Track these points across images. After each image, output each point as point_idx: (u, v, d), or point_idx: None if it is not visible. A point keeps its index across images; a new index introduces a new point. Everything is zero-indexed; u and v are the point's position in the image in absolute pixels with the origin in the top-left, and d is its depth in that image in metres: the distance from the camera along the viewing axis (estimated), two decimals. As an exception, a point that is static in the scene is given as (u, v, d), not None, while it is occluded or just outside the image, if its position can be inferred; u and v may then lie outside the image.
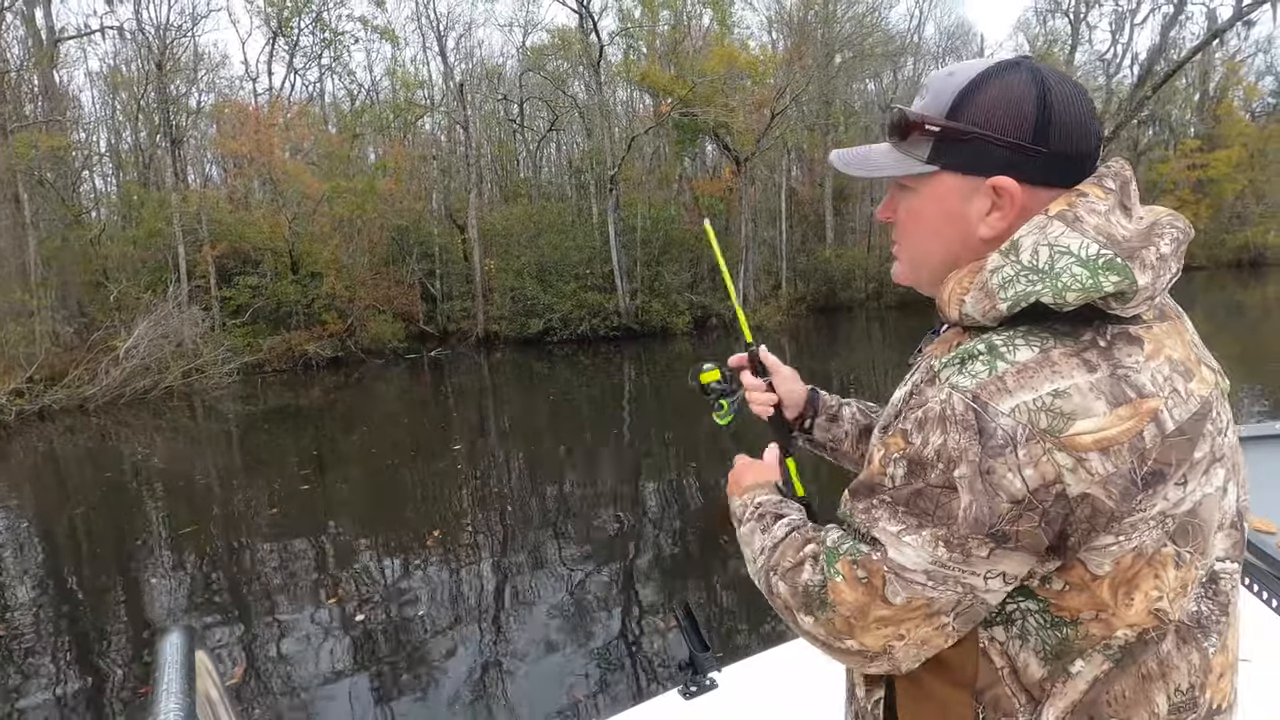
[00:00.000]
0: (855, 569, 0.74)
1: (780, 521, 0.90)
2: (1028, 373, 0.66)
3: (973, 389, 0.67)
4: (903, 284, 0.88)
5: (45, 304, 15.79)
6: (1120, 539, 0.67)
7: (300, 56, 25.74)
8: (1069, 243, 0.69)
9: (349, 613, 4.78)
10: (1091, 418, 0.65)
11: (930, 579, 0.70)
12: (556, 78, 26.24)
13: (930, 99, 0.77)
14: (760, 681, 1.80)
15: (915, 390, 0.74)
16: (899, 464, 0.72)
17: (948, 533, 0.69)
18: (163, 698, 0.78)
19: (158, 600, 5.34)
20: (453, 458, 9.34)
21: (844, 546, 0.76)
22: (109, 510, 7.83)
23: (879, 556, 0.72)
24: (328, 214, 20.77)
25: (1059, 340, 0.68)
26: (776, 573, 0.82)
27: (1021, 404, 0.65)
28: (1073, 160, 0.74)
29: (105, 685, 4.15)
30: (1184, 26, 27.06)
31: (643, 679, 3.84)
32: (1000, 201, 0.74)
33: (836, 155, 0.87)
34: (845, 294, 27.58)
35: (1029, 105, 0.72)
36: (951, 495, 0.68)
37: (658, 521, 6.51)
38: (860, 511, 0.75)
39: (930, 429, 0.69)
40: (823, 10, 26.64)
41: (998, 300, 0.70)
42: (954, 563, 0.69)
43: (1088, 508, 0.65)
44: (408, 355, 20.17)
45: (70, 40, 21.07)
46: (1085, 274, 0.67)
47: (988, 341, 0.70)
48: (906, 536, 0.71)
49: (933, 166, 0.77)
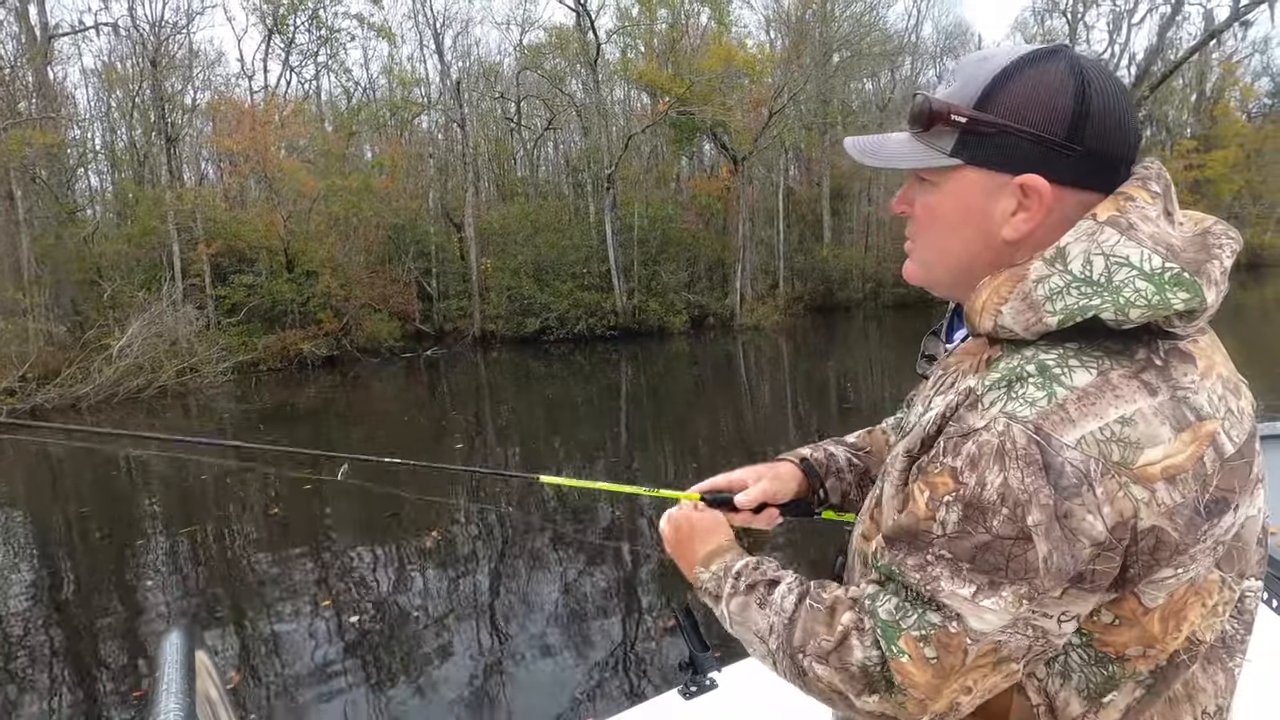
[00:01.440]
0: (924, 646, 0.65)
1: (778, 589, 0.79)
2: (1089, 399, 0.61)
3: (1034, 419, 0.61)
4: (913, 283, 0.81)
5: (38, 302, 15.72)
6: (1179, 571, 0.63)
7: (296, 54, 25.66)
8: (1127, 253, 0.63)
9: (345, 615, 4.74)
10: (1158, 445, 0.60)
11: (1004, 631, 0.64)
12: (554, 76, 26.18)
13: (959, 86, 0.70)
14: (760, 681, 1.78)
15: (953, 416, 0.66)
16: (951, 508, 0.63)
17: (1029, 589, 0.62)
18: (163, 697, 0.77)
19: (152, 602, 5.27)
20: (450, 457, 9.30)
21: (905, 620, 0.66)
22: (102, 511, 7.76)
23: (956, 629, 0.64)
24: (323, 212, 20.70)
25: (1115, 360, 0.63)
26: (808, 654, 0.72)
27: (1088, 435, 0.60)
28: (1108, 162, 0.68)
29: (99, 687, 4.10)
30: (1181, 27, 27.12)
31: (642, 679, 3.82)
32: (1027, 202, 0.68)
33: (852, 142, 0.80)
34: (842, 294, 27.59)
35: (1065, 99, 0.66)
36: (1026, 546, 0.61)
37: (655, 521, 6.45)
38: (913, 570, 0.66)
39: (986, 466, 0.61)
40: (820, 9, 26.62)
41: (1044, 313, 0.64)
42: (1032, 612, 0.63)
43: (1152, 540, 0.61)
44: (404, 354, 20.10)
45: (64, 37, 20.96)
46: (1151, 289, 0.62)
47: (1038, 362, 0.64)
48: (985, 600, 0.63)
49: (956, 160, 0.71)
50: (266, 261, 19.40)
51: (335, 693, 3.83)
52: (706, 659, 1.80)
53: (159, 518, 7.40)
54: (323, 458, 2.90)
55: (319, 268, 19.53)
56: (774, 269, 26.58)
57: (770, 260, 26.79)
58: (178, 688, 0.79)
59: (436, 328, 21.87)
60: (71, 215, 19.18)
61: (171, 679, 0.80)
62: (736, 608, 0.81)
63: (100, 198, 23.89)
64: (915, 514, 0.67)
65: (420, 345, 20.89)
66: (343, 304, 19.49)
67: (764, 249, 26.92)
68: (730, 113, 22.68)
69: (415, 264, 22.39)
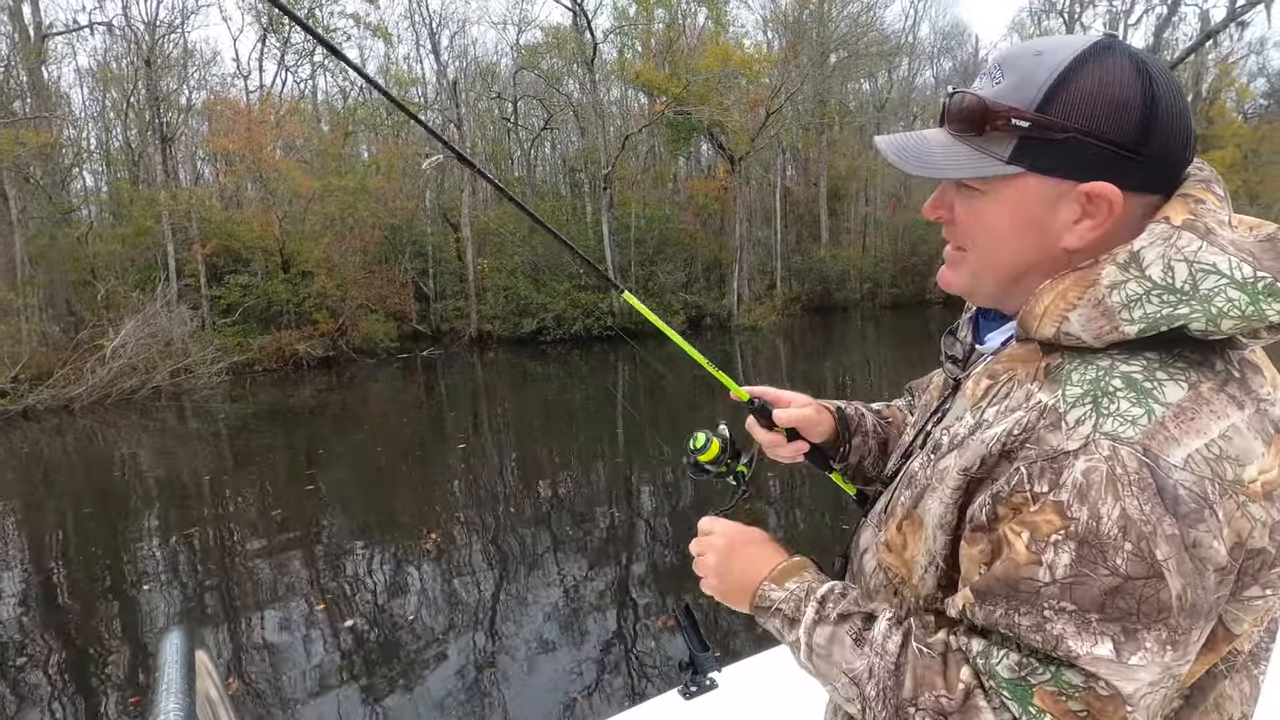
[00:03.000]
0: (1065, 702, 0.57)
1: (877, 625, 0.69)
2: (1186, 415, 0.57)
3: (1140, 440, 0.56)
4: (952, 291, 0.76)
5: (32, 302, 15.63)
6: (1268, 591, 0.60)
7: (292, 54, 25.58)
8: (1213, 260, 0.59)
9: (342, 617, 4.71)
10: (1256, 460, 0.57)
11: (1153, 687, 0.57)
12: (551, 76, 26.13)
13: (1013, 84, 0.64)
14: (760, 681, 1.79)
15: (1029, 434, 0.59)
16: (1062, 549, 0.56)
17: (1169, 634, 0.55)
18: (163, 697, 0.76)
19: (147, 606, 5.23)
20: (446, 458, 9.25)
21: (1036, 676, 0.58)
22: (95, 512, 7.70)
23: (1107, 692, 0.56)
24: (319, 212, 20.63)
25: (1200, 373, 0.59)
26: (923, 709, 0.62)
27: (1195, 454, 0.55)
28: (1172, 165, 0.64)
29: (93, 691, 4.06)
30: (1177, 28, 27.17)
31: (642, 679, 3.81)
32: (1093, 209, 0.64)
33: (887, 143, 0.72)
34: (840, 294, 27.60)
35: (1134, 100, 0.61)
36: (1159, 585, 0.54)
37: (653, 521, 6.46)
38: (1029, 631, 0.58)
39: (1100, 496, 0.55)
40: (818, 9, 26.62)
41: (1120, 321, 0.60)
42: (1175, 661, 0.57)
43: (1258, 561, 0.58)
44: (400, 355, 20.04)
45: (58, 36, 20.87)
46: (1245, 299, 0.57)
47: (1123, 374, 0.59)
48: (1131, 658, 0.55)
49: (1016, 168, 0.64)
50: (262, 262, 19.32)
51: (331, 697, 3.80)
52: (706, 659, 1.76)
53: (148, 520, 7.33)
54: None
55: (315, 268, 19.45)
56: (771, 269, 26.57)
57: (767, 260, 26.77)
58: (178, 688, 0.77)
59: (433, 328, 21.81)
60: (66, 215, 19.08)
61: (171, 679, 0.79)
62: (823, 640, 0.71)
63: (96, 198, 23.80)
64: (1014, 560, 0.58)
65: (417, 346, 20.83)
66: (339, 304, 19.42)
67: (761, 249, 26.91)
68: (727, 113, 22.66)
69: (412, 264, 22.33)
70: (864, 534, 0.83)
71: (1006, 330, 0.73)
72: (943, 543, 0.67)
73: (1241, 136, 36.11)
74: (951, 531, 0.67)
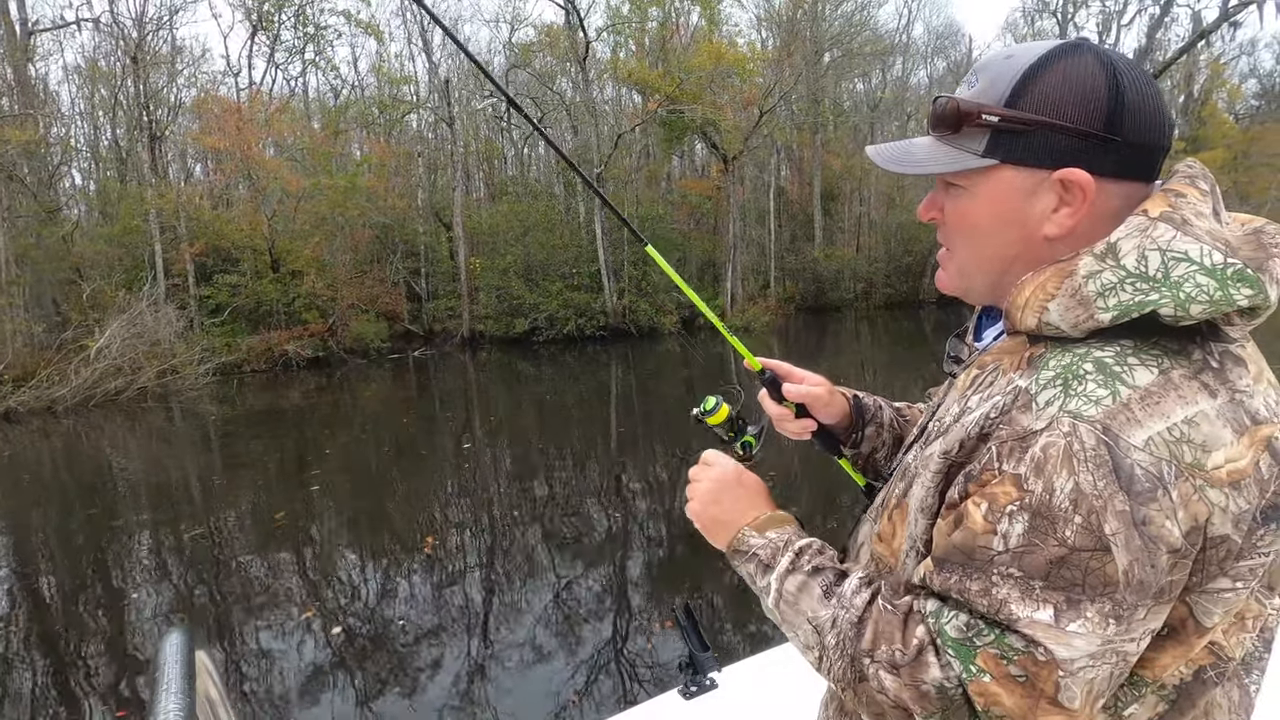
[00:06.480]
0: (1008, 665, 0.59)
1: (848, 581, 0.72)
2: (1153, 398, 0.59)
3: (1100, 418, 0.58)
4: (948, 292, 0.80)
5: (16, 302, 15.42)
6: (1238, 584, 0.61)
7: (282, 51, 25.38)
8: (1185, 248, 0.61)
9: (338, 619, 4.67)
10: (1223, 448, 0.58)
11: (1093, 659, 0.58)
12: (543, 75, 26.02)
13: (985, 85, 0.69)
14: (760, 681, 1.80)
15: (1001, 418, 0.62)
16: (1015, 519, 0.59)
17: (1113, 606, 0.57)
18: (163, 697, 0.77)
19: (134, 614, 5.11)
20: (439, 458, 9.16)
21: (980, 637, 0.60)
22: (80, 516, 7.57)
23: (1044, 658, 0.58)
24: (309, 211, 20.46)
25: (1174, 360, 0.61)
26: (878, 660, 0.65)
27: (1156, 436, 0.57)
28: (1148, 152, 0.67)
29: (76, 701, 3.96)
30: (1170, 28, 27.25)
31: (642, 680, 3.80)
32: (1069, 196, 0.67)
33: (874, 151, 0.77)
34: (834, 294, 27.59)
35: (1099, 90, 0.65)
36: (1105, 558, 0.56)
37: (651, 521, 6.41)
38: (977, 595, 0.61)
39: (1055, 470, 0.57)
40: (811, 8, 26.59)
41: (1095, 309, 0.62)
42: (1118, 635, 0.58)
43: (1223, 550, 0.59)
44: (392, 355, 19.90)
45: (45, 32, 20.64)
46: (1213, 285, 0.59)
47: (1095, 359, 0.61)
48: (1069, 624, 0.57)
49: (991, 160, 0.68)
50: (251, 261, 19.14)
51: (327, 700, 3.76)
52: (706, 659, 1.81)
53: (136, 524, 7.20)
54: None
55: (304, 267, 19.29)
56: (765, 269, 26.54)
57: (761, 260, 26.74)
58: (177, 688, 0.79)
59: (425, 328, 21.68)
60: (52, 214, 18.84)
61: (171, 679, 0.80)
62: (794, 587, 0.74)
63: (84, 196, 23.56)
64: (971, 529, 0.61)
65: (409, 346, 20.69)
66: (329, 304, 19.27)
67: (755, 249, 26.87)
68: (721, 112, 22.60)
69: (404, 264, 22.19)
70: (862, 528, 0.84)
71: (1002, 326, 0.76)
72: (923, 527, 0.69)
73: (1232, 137, 36.29)
74: (931, 515, 0.68)
